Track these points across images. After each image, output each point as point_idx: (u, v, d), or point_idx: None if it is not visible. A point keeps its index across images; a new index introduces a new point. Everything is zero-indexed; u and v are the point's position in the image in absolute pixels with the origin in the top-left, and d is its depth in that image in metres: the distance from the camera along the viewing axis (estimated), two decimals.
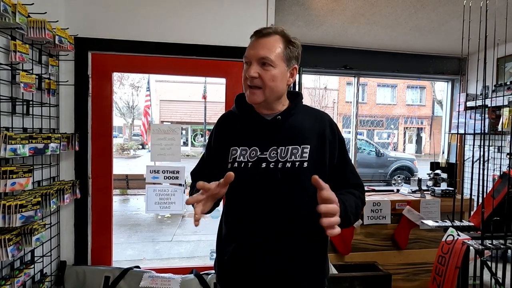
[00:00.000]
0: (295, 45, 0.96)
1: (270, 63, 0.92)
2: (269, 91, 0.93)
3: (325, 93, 14.26)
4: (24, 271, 1.41)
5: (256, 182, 0.93)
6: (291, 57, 0.96)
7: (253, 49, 0.94)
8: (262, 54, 0.92)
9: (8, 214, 1.20)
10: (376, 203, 2.40)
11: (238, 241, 0.96)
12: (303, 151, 0.93)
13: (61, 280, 1.77)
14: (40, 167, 1.60)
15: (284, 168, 0.92)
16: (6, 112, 1.36)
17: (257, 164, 0.94)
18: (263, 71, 0.92)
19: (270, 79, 0.92)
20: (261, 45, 0.93)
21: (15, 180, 1.23)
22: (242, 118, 1.02)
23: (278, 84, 0.94)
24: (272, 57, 0.92)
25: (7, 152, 1.21)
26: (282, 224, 0.93)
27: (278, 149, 0.94)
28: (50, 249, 1.69)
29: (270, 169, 0.93)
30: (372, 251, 2.42)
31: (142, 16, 1.87)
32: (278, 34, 0.95)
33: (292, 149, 0.94)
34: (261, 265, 0.93)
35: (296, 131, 0.97)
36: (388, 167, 7.54)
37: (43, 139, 1.43)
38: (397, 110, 15.20)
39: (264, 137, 0.96)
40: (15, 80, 1.39)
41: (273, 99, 0.96)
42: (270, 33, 0.94)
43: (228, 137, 1.01)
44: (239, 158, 0.96)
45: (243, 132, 1.00)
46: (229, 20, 1.96)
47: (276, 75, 0.93)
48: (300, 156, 0.93)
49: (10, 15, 1.24)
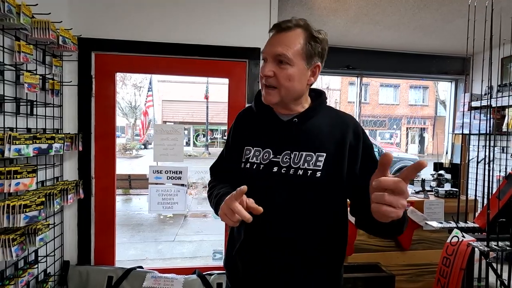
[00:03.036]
0: (318, 40, 0.86)
1: (287, 61, 0.83)
2: (285, 91, 0.86)
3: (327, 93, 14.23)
4: (28, 271, 1.41)
5: (266, 185, 0.88)
6: (313, 54, 0.86)
7: (270, 45, 0.86)
8: (278, 51, 0.83)
9: (13, 214, 1.20)
10: None
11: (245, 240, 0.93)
12: (318, 159, 0.86)
13: (64, 280, 1.78)
14: (44, 167, 1.60)
15: (296, 175, 0.86)
16: (10, 113, 1.36)
17: (268, 167, 0.88)
18: (279, 69, 0.84)
19: (286, 78, 0.84)
20: (279, 40, 0.84)
21: (19, 180, 1.23)
22: (259, 117, 0.95)
23: (295, 84, 0.85)
24: (289, 54, 0.83)
25: (11, 153, 1.21)
26: (286, 232, 0.88)
27: (292, 154, 0.87)
28: (53, 249, 1.70)
29: (282, 174, 0.87)
30: (375, 252, 2.40)
31: (145, 17, 1.88)
32: (300, 28, 0.85)
33: (306, 156, 0.86)
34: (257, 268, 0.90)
35: (312, 136, 0.88)
36: (391, 167, 7.51)
37: (47, 139, 1.43)
38: (399, 110, 15.16)
39: (278, 139, 0.90)
40: (19, 81, 1.39)
41: (290, 99, 0.88)
42: (290, 27, 0.85)
43: (244, 135, 0.97)
44: (251, 159, 0.92)
45: (259, 132, 0.94)
46: (231, 21, 1.95)
47: (293, 74, 0.84)
48: (313, 164, 0.85)
49: (14, 15, 1.24)
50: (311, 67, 0.88)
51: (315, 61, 0.88)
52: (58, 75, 1.70)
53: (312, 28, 0.87)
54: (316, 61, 0.88)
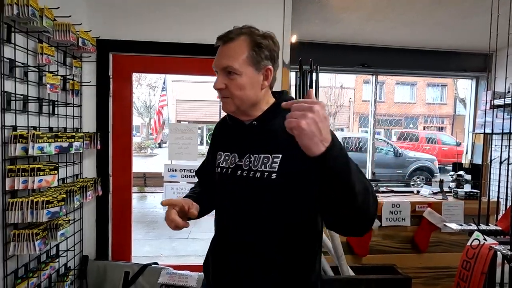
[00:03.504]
0: (263, 44, 0.86)
1: (235, 72, 0.84)
2: (238, 100, 0.87)
3: (341, 92, 14.03)
4: (49, 264, 1.47)
5: (230, 189, 0.91)
6: (260, 59, 0.86)
7: (217, 58, 0.87)
8: (224, 64, 0.85)
9: (36, 210, 1.25)
10: (395, 205, 2.33)
11: (213, 246, 0.98)
12: (273, 161, 0.85)
13: (83, 274, 1.84)
14: (65, 165, 1.66)
15: (254, 178, 0.86)
16: (33, 112, 1.42)
17: (234, 171, 0.91)
18: (229, 80, 0.86)
19: (237, 88, 0.86)
20: (224, 53, 0.86)
21: (42, 177, 1.28)
22: (229, 123, 0.99)
23: (247, 92, 0.86)
24: (235, 65, 0.84)
25: (34, 151, 1.26)
26: (246, 236, 0.89)
27: (252, 157, 0.88)
28: (73, 244, 1.76)
29: (243, 178, 0.88)
30: (390, 253, 2.36)
31: (161, 18, 1.91)
32: (244, 35, 0.86)
33: (263, 158, 0.87)
34: (222, 272, 0.91)
35: (270, 138, 0.88)
36: (407, 168, 7.32)
37: (67, 138, 1.48)
38: (416, 109, 14.75)
39: (241, 144, 0.92)
40: (42, 81, 1.45)
41: (247, 106, 0.89)
42: (232, 37, 0.86)
43: (218, 141, 1.02)
44: (222, 164, 0.95)
45: (229, 137, 0.98)
46: (246, 20, 1.93)
47: (243, 83, 0.85)
48: (269, 166, 0.85)
49: (38, 19, 1.29)
50: (261, 72, 0.88)
51: (265, 64, 0.87)
52: (77, 76, 1.75)
53: (256, 34, 0.87)
54: (265, 64, 0.87)
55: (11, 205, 1.23)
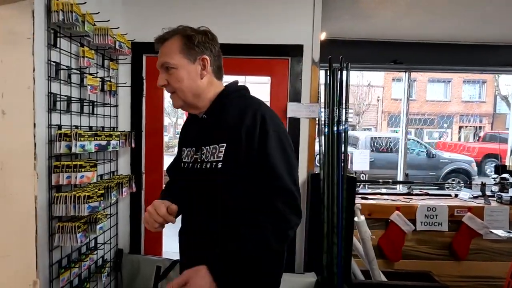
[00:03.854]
0: (194, 37, 0.92)
1: (172, 66, 0.91)
2: (181, 93, 0.93)
3: (369, 90, 13.57)
4: (89, 256, 1.55)
5: (189, 182, 0.97)
6: (193, 51, 0.92)
7: (158, 58, 0.94)
8: (162, 61, 0.92)
9: (78, 204, 1.33)
10: (431, 208, 2.21)
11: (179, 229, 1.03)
12: (219, 150, 0.89)
13: (119, 266, 1.92)
14: (102, 162, 1.75)
15: (205, 169, 0.91)
16: (75, 112, 1.51)
17: (193, 164, 0.95)
18: (169, 76, 0.92)
19: (176, 81, 0.91)
20: (161, 51, 0.93)
21: (83, 174, 1.36)
22: (190, 119, 1.06)
23: (186, 83, 0.91)
24: (170, 60, 0.91)
25: (77, 148, 1.34)
26: (197, 225, 0.95)
27: (204, 149, 0.93)
28: (110, 237, 1.85)
29: (198, 170, 0.93)
30: (425, 259, 2.24)
31: (189, 20, 1.93)
32: (177, 34, 0.93)
33: (212, 149, 0.91)
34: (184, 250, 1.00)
35: (217, 128, 0.92)
36: (441, 170, 6.91)
37: (105, 136, 1.56)
38: (451, 108, 13.89)
39: (197, 137, 0.97)
40: (83, 83, 1.53)
41: (191, 98, 0.94)
42: (167, 38, 0.93)
43: (182, 137, 1.08)
44: (184, 159, 1.00)
45: (190, 133, 1.03)
46: (274, 18, 1.95)
47: (180, 75, 0.91)
48: (216, 156, 0.89)
49: (80, 24, 1.37)
50: (197, 62, 0.92)
51: (200, 54, 0.92)
52: (114, 77, 1.84)
53: (189, 30, 0.94)
54: (200, 54, 0.92)
55: (56, 199, 1.32)
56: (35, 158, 1.23)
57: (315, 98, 1.98)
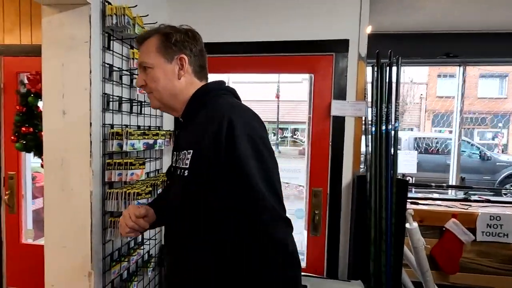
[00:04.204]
0: (171, 35, 0.89)
1: (149, 66, 0.89)
2: (157, 93, 0.90)
3: (411, 87, 12.76)
4: (137, 251, 1.61)
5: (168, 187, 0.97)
6: (170, 50, 0.89)
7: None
8: (139, 61, 0.92)
9: (128, 200, 1.38)
10: (494, 217, 1.98)
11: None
12: (187, 157, 0.85)
13: (162, 261, 1.98)
14: (149, 160, 1.81)
15: (177, 175, 0.88)
16: (125, 112, 1.57)
17: (174, 169, 0.94)
18: (146, 75, 0.91)
19: (152, 80, 0.89)
20: (140, 51, 0.93)
21: (133, 171, 1.41)
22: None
23: (162, 83, 0.89)
24: (147, 59, 0.89)
25: (128, 146, 1.39)
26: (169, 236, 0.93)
27: (180, 154, 0.90)
28: (155, 233, 1.91)
29: (173, 175, 0.92)
30: (486, 273, 2.01)
31: (224, 19, 1.94)
32: (156, 33, 0.91)
33: (182, 154, 0.88)
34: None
35: (189, 133, 0.89)
36: (497, 174, 6.25)
37: (152, 135, 1.60)
38: (508, 105, 12.56)
39: (177, 141, 0.96)
40: (132, 84, 1.59)
41: (168, 99, 0.91)
42: (145, 38, 0.92)
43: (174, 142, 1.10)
44: (171, 163, 0.99)
45: (175, 137, 1.05)
46: (316, 12, 1.87)
47: (156, 75, 0.89)
48: (184, 163, 0.85)
49: (131, 27, 1.42)
50: (174, 61, 0.89)
51: (177, 54, 0.89)
52: None
53: (168, 28, 0.91)
54: (178, 53, 0.89)
55: (109, 195, 1.38)
56: (90, 156, 1.29)
57: (362, 96, 1.87)
